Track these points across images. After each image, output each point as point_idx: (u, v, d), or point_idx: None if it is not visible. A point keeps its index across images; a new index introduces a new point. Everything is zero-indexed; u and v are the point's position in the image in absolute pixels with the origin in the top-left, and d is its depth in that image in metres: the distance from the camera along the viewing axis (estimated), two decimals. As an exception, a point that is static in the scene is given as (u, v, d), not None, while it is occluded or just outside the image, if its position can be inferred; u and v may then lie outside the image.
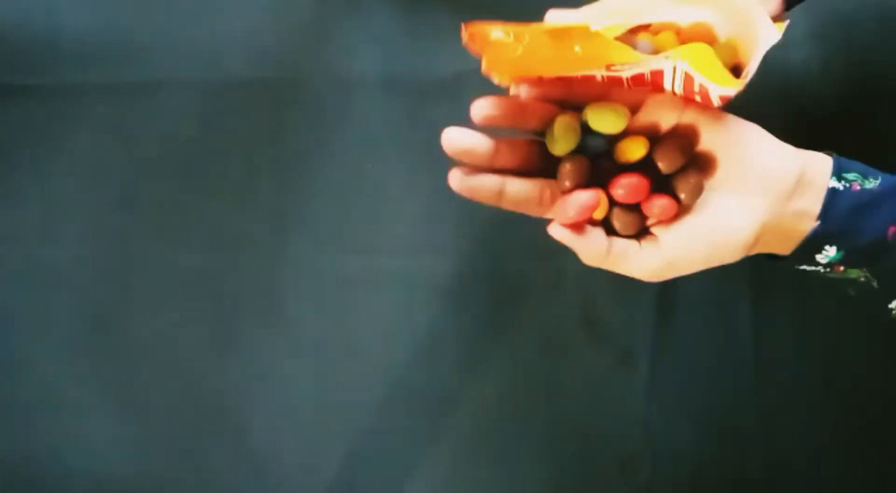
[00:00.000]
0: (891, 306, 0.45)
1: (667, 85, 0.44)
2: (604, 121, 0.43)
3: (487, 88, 0.67)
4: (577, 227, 0.43)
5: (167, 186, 0.71)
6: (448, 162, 0.70)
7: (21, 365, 0.70)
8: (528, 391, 0.67)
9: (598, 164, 0.44)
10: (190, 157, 0.72)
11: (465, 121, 0.45)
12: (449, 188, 0.46)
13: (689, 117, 0.44)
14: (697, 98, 0.44)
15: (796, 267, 0.45)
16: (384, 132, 0.66)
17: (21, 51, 0.74)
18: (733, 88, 0.42)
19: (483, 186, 0.44)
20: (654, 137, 0.44)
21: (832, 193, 0.43)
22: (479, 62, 0.71)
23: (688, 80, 0.43)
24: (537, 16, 0.73)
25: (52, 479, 0.68)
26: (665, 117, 0.44)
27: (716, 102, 0.43)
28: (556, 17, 0.47)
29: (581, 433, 0.67)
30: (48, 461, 0.68)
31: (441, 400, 0.68)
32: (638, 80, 0.44)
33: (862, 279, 0.45)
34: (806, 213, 0.43)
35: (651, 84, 0.44)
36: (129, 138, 0.72)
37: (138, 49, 0.73)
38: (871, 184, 0.43)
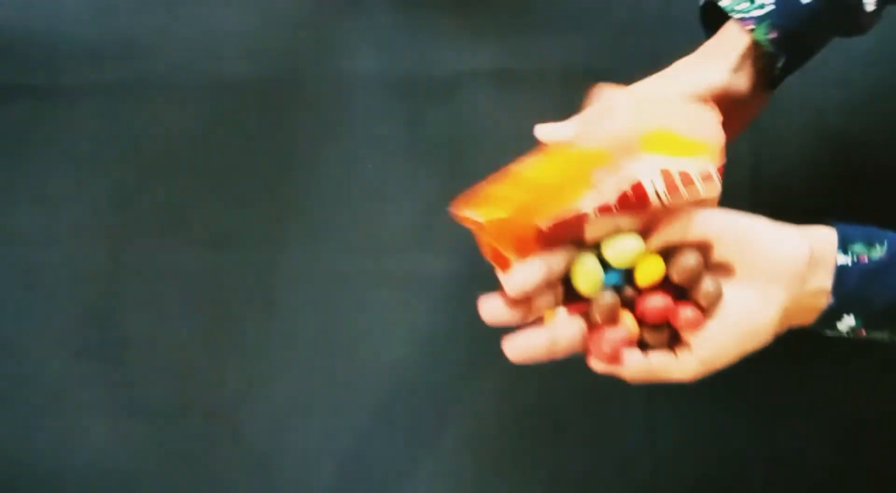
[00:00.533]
0: None
1: (651, 196, 0.45)
2: (622, 256, 0.44)
3: (487, 87, 0.67)
4: (615, 357, 0.45)
5: (167, 186, 0.71)
6: (448, 162, 0.70)
7: (21, 365, 0.70)
8: (527, 391, 0.67)
9: (622, 288, 0.45)
10: (190, 156, 0.72)
11: (464, 120, 0.45)
12: (449, 188, 0.46)
13: (696, 229, 0.45)
14: (685, 194, 0.45)
15: (822, 334, 0.47)
16: (384, 132, 0.66)
17: (21, 51, 0.74)
18: (709, 157, 0.43)
19: (536, 351, 0.45)
20: (668, 253, 0.45)
21: (841, 269, 0.44)
22: (478, 62, 0.72)
23: (667, 177, 0.44)
24: (536, 15, 0.73)
25: (52, 479, 0.68)
26: (674, 234, 0.45)
27: (703, 189, 0.45)
28: (544, 132, 0.49)
29: (581, 433, 0.67)
30: (48, 461, 0.68)
31: (441, 400, 0.68)
32: (624, 202, 0.45)
33: (887, 340, 0.47)
34: (821, 290, 0.45)
35: (636, 201, 0.45)
36: (128, 138, 0.72)
37: (138, 49, 0.73)
38: (878, 252, 0.45)
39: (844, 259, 0.45)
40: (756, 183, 0.69)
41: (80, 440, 0.69)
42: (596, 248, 0.45)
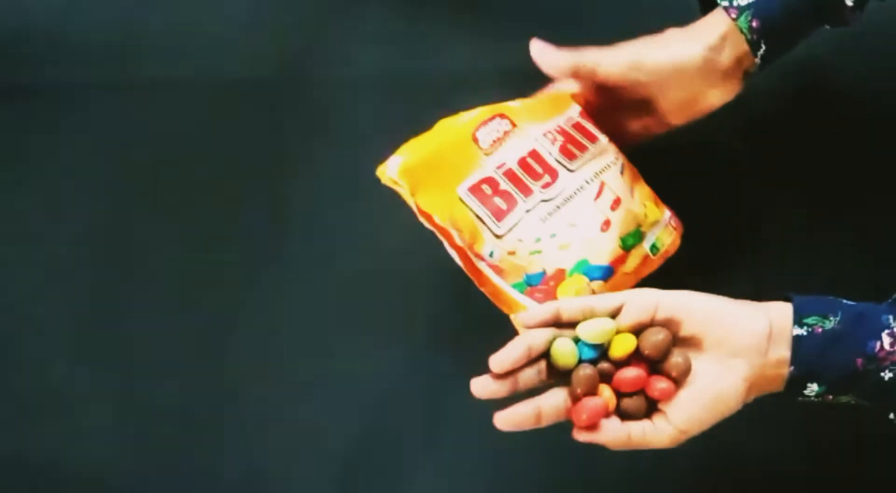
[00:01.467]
0: (891, 417, 0.50)
1: (550, 161, 0.61)
2: (595, 334, 0.49)
3: (487, 88, 0.67)
4: (594, 425, 0.49)
5: (167, 186, 0.72)
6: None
7: (21, 365, 0.70)
8: (526, 391, 0.67)
9: (598, 363, 0.49)
10: (190, 157, 0.72)
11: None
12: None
13: (665, 306, 0.49)
14: (579, 156, 0.61)
15: (796, 399, 0.51)
16: (384, 132, 0.66)
17: (23, 52, 0.74)
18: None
19: (524, 420, 0.49)
20: (640, 330, 0.49)
21: (797, 339, 0.48)
22: (478, 62, 0.72)
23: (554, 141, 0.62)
24: (536, 15, 0.73)
25: (52, 478, 0.68)
26: (644, 312, 0.49)
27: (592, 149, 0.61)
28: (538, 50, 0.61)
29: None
30: (48, 461, 0.68)
31: (441, 400, 0.68)
32: (524, 165, 0.60)
33: (853, 403, 0.50)
34: (782, 360, 0.49)
35: (537, 165, 0.60)
36: (129, 138, 0.72)
37: (139, 50, 0.74)
38: (831, 323, 0.48)
39: (799, 331, 0.48)
40: (753, 177, 0.69)
41: (80, 439, 0.69)
42: (572, 328, 0.49)
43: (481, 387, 0.49)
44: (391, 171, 0.59)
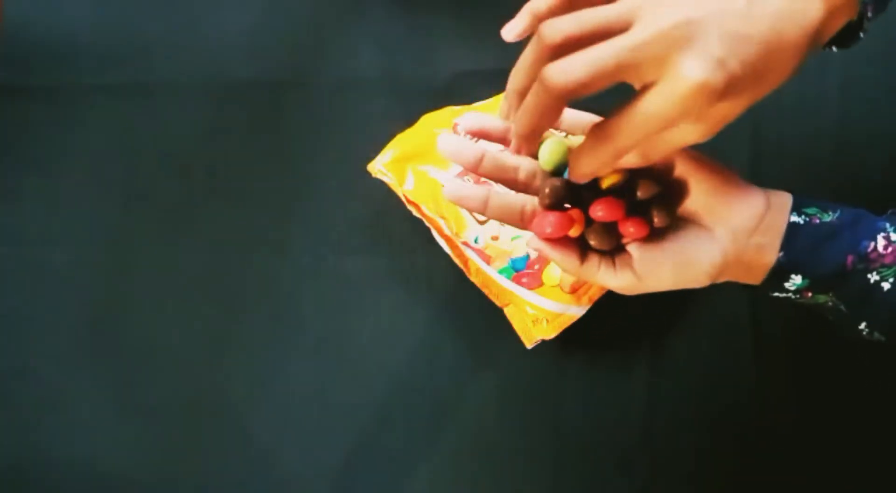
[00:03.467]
0: (860, 327, 0.49)
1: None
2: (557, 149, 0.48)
3: (486, 87, 0.67)
4: (554, 242, 0.48)
5: (168, 187, 0.72)
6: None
7: (21, 365, 0.70)
8: (527, 391, 0.67)
9: (582, 189, 0.48)
10: (191, 157, 0.72)
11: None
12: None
13: (685, 162, 0.48)
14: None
15: (769, 294, 0.49)
16: (384, 132, 0.66)
17: (24, 52, 0.74)
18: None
19: (471, 194, 0.49)
20: (638, 173, 0.48)
21: (793, 226, 0.47)
22: (478, 62, 0.72)
23: None
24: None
25: (53, 478, 0.68)
26: (664, 153, 0.46)
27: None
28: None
29: (580, 432, 0.67)
30: (48, 461, 0.68)
31: (441, 400, 0.68)
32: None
33: (830, 304, 0.49)
34: (768, 246, 0.47)
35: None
36: (130, 139, 0.72)
37: (140, 50, 0.73)
38: (830, 217, 0.47)
39: (797, 219, 0.47)
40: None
41: (80, 439, 0.69)
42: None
43: (445, 140, 0.50)
44: (379, 164, 0.64)
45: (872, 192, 0.68)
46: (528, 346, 0.63)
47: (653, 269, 0.47)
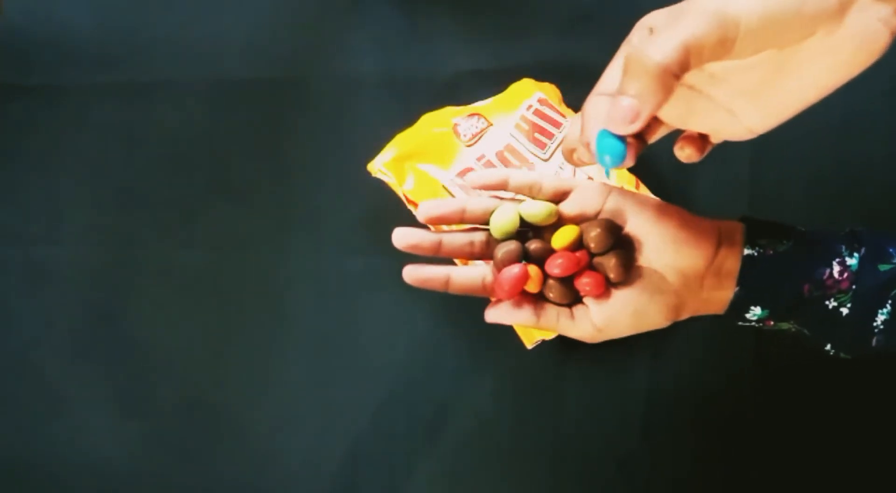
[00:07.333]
0: (826, 348, 0.49)
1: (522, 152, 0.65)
2: (536, 215, 0.49)
3: (486, 88, 0.67)
4: (515, 302, 0.49)
5: (168, 186, 0.72)
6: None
7: (22, 365, 0.70)
8: (527, 391, 0.67)
9: (537, 250, 0.49)
10: (191, 157, 0.72)
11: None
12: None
13: (613, 201, 0.48)
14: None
15: (735, 323, 0.49)
16: (384, 132, 0.66)
17: (24, 52, 0.74)
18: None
19: (432, 277, 0.49)
20: (585, 221, 0.49)
21: (748, 259, 0.47)
22: (477, 62, 0.72)
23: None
24: (536, 14, 0.73)
25: (53, 478, 0.68)
26: (591, 203, 0.49)
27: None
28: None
29: (580, 432, 0.67)
30: (48, 461, 0.69)
31: (441, 400, 0.68)
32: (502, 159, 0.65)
33: (794, 330, 0.49)
34: (724, 282, 0.47)
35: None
36: (130, 138, 0.72)
37: (140, 50, 0.74)
38: (784, 246, 0.47)
39: (750, 251, 0.47)
40: (754, 187, 0.69)
41: (82, 439, 0.69)
42: (518, 204, 0.50)
43: (402, 235, 0.49)
44: (379, 164, 0.65)
45: (873, 192, 0.68)
46: (528, 346, 0.63)
47: (611, 317, 0.48)
